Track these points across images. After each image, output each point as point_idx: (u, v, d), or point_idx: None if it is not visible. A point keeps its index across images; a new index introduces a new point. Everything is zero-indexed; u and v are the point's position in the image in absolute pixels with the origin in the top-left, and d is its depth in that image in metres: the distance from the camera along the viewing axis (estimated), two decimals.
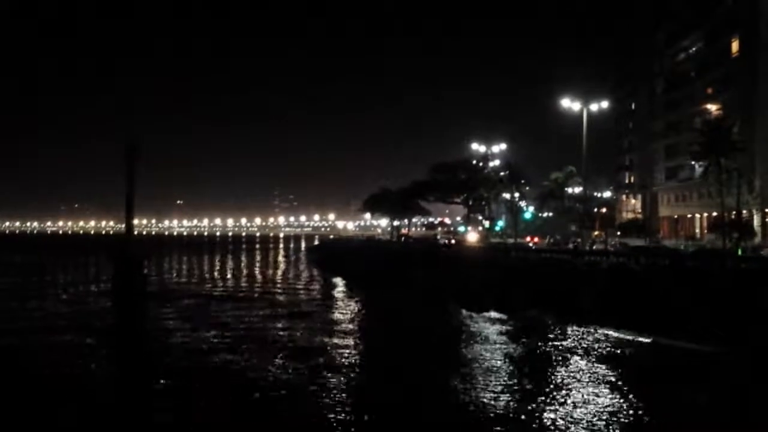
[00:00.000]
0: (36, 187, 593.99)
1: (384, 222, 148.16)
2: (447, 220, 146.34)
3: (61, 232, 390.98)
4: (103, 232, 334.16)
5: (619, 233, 74.45)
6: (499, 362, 23.18)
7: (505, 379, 20.64)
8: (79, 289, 49.49)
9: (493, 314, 34.37)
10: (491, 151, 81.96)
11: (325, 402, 17.67)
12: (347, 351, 25.26)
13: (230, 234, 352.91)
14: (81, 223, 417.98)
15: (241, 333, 29.30)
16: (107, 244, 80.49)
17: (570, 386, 19.48)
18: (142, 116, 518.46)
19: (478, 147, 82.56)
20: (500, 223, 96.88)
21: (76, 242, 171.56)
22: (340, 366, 22.36)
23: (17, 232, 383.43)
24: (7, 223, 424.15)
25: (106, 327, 32.03)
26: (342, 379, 20.44)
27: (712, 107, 69.94)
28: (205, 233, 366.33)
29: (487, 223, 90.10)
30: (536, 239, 79.16)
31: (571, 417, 16.28)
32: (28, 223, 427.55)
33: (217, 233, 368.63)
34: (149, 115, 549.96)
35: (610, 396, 18.37)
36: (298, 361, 22.85)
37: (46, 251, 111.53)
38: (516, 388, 19.47)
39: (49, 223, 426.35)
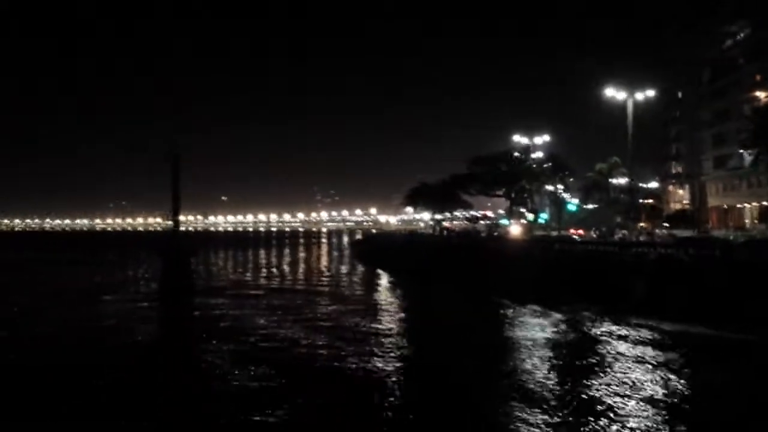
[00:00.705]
0: (84, 186, 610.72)
1: (426, 216, 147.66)
2: (489, 213, 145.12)
3: (109, 228, 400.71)
4: (151, 229, 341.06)
5: (666, 224, 72.93)
6: (545, 356, 23.04)
7: (555, 378, 20.43)
8: (142, 288, 50.78)
9: (537, 307, 34.11)
10: (533, 143, 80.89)
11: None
12: (397, 338, 25.46)
13: (274, 229, 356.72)
14: (129, 220, 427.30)
15: (291, 318, 30.26)
16: (155, 240, 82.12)
17: (616, 373, 19.35)
18: (186, 114, 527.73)
19: (519, 139, 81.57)
20: (544, 216, 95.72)
21: (126, 239, 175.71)
22: (395, 351, 22.58)
23: (67, 229, 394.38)
24: (57, 221, 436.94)
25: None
26: (395, 364, 20.68)
27: (761, 94, 67.92)
28: (250, 228, 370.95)
29: (530, 216, 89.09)
30: (580, 231, 78.04)
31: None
32: (78, 221, 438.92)
33: (261, 228, 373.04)
34: (193, 113, 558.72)
35: (673, 388, 18.21)
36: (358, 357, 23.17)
37: (99, 248, 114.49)
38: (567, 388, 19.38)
39: (97, 221, 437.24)
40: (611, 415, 15.75)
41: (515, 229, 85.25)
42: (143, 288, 47.85)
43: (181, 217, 47.83)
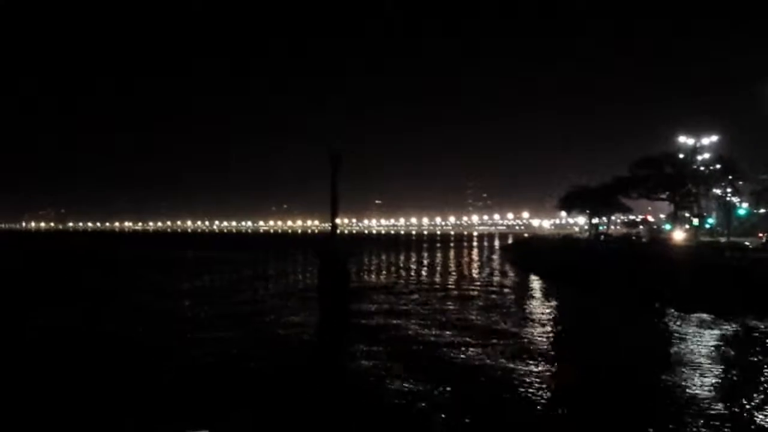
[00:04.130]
0: (249, 190, 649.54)
1: (581, 220, 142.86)
2: (650, 218, 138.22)
3: (271, 231, 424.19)
4: (309, 231, 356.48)
5: None
6: (717, 367, 21.54)
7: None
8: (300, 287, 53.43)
9: (705, 316, 32.03)
10: (700, 144, 75.93)
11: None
12: (556, 347, 24.89)
13: (425, 232, 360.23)
14: (289, 223, 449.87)
15: (442, 321, 30.63)
16: (314, 242, 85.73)
17: None
18: (341, 119, 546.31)
19: (685, 140, 76.84)
20: (710, 221, 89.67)
21: (287, 240, 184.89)
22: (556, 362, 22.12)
23: (234, 231, 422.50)
24: (225, 223, 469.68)
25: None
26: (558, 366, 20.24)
27: None
28: (402, 231, 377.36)
29: (695, 221, 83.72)
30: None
31: None
32: (243, 223, 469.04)
33: (413, 231, 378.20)
34: (349, 118, 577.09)
35: None
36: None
37: (266, 248, 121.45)
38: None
39: (261, 223, 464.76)
40: None
41: (679, 235, 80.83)
42: (302, 286, 50.12)
43: (338, 220, 49.55)
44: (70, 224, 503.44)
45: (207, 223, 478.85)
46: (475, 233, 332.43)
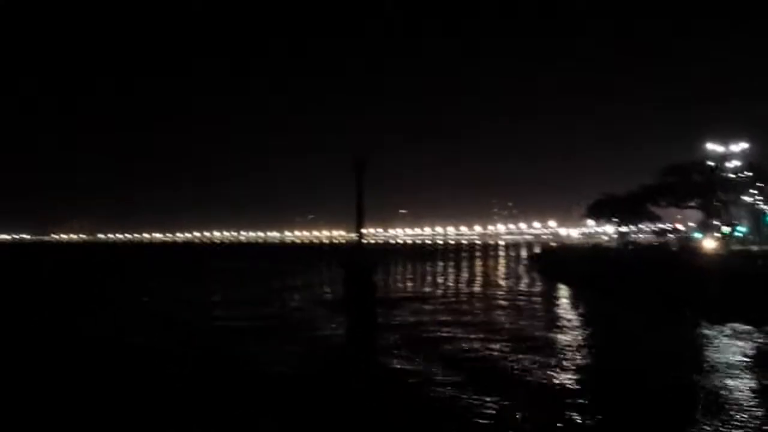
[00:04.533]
0: (275, 200, 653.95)
1: (609, 229, 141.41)
2: (679, 226, 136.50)
3: (298, 240, 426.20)
4: (334, 241, 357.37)
5: None
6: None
7: None
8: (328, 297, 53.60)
9: (739, 326, 31.42)
10: (730, 151, 74.94)
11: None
12: (583, 357, 24.62)
13: (451, 241, 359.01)
14: (314, 233, 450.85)
15: (471, 328, 30.34)
16: (340, 252, 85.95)
17: None
18: (366, 129, 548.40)
19: (714, 147, 75.94)
20: (741, 229, 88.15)
21: (312, 250, 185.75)
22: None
23: (260, 241, 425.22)
24: (251, 233, 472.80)
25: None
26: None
27: None
28: (428, 241, 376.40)
29: (726, 229, 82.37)
30: None
31: None
32: (268, 233, 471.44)
33: (439, 241, 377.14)
34: (373, 128, 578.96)
35: None
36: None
37: (290, 259, 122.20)
38: None
39: (286, 233, 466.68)
40: None
41: (709, 243, 79.56)
42: (330, 298, 50.22)
43: (364, 230, 49.58)
44: (100, 235, 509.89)
45: (233, 233, 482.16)
46: (502, 242, 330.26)
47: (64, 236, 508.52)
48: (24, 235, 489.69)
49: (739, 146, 73.58)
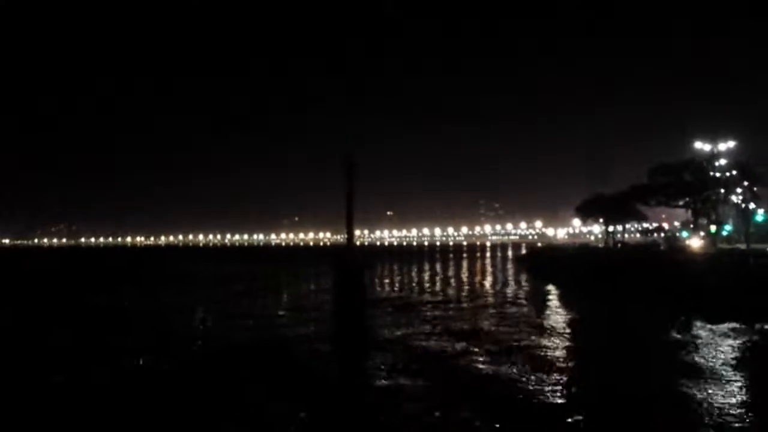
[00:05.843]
0: (259, 203, 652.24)
1: (596, 228, 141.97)
2: (665, 225, 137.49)
3: (283, 244, 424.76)
4: (321, 243, 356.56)
5: None
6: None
7: None
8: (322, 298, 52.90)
9: (736, 325, 31.18)
10: (718, 150, 75.21)
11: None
12: (576, 362, 24.13)
13: (438, 243, 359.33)
14: (301, 235, 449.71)
15: (457, 330, 29.57)
16: (328, 254, 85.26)
17: None
18: (350, 130, 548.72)
19: (702, 146, 76.16)
20: (727, 228, 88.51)
21: (299, 252, 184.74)
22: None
23: (245, 244, 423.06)
24: (237, 237, 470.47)
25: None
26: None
27: None
28: (414, 243, 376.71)
29: (713, 228, 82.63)
30: None
31: None
32: (254, 236, 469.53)
33: (426, 242, 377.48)
34: (360, 129, 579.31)
35: None
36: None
37: (279, 261, 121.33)
38: None
39: (272, 236, 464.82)
40: None
41: (696, 242, 79.89)
42: (319, 300, 49.57)
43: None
44: (83, 240, 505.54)
45: (219, 237, 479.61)
46: (488, 243, 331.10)
47: (46, 241, 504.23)
48: (4, 240, 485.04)
49: (727, 145, 73.84)
